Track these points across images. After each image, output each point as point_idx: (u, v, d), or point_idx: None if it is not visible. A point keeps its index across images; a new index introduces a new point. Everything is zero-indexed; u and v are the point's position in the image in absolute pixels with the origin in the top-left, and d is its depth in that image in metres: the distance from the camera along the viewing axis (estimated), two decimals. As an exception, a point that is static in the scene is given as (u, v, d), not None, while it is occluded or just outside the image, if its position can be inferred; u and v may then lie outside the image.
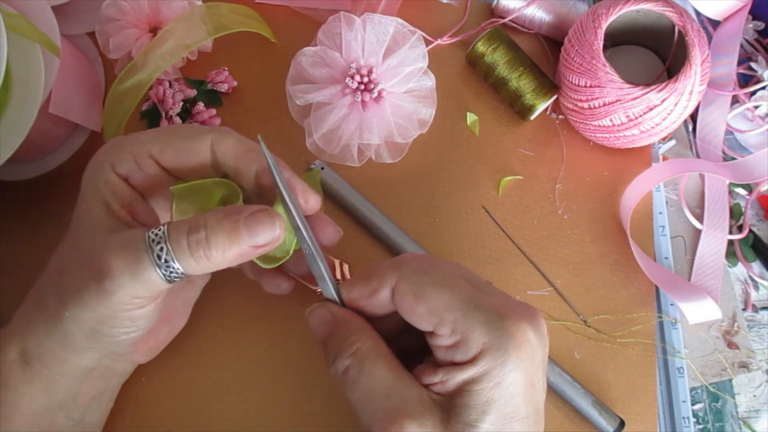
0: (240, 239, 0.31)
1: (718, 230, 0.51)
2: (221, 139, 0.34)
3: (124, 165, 0.35)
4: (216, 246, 0.30)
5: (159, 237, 0.30)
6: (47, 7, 0.44)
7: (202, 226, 0.30)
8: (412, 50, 0.47)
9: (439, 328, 0.31)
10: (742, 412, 0.48)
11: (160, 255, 0.30)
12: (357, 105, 0.47)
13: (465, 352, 0.30)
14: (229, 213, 0.31)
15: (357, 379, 0.31)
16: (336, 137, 0.47)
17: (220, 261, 0.31)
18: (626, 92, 0.45)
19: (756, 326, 0.50)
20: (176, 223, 0.31)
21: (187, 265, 0.31)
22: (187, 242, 0.30)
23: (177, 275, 0.31)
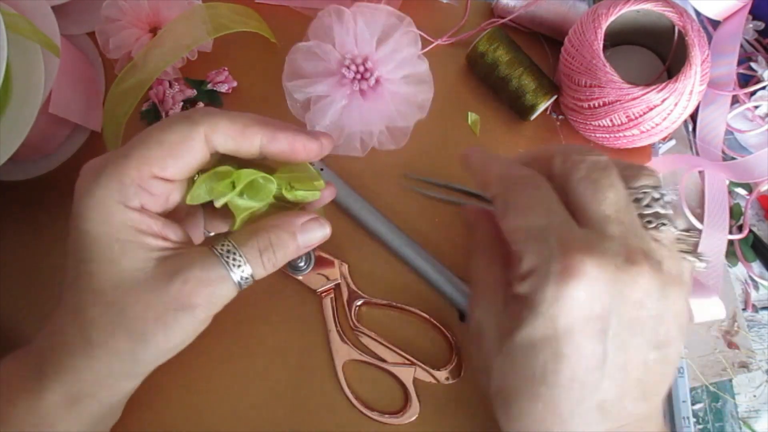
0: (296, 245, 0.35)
1: (718, 230, 0.51)
2: (213, 125, 0.33)
3: (134, 198, 0.32)
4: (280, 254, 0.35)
5: (234, 254, 0.33)
6: (47, 7, 0.44)
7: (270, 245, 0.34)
8: (403, 36, 0.47)
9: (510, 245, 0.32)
10: (742, 412, 0.48)
11: (235, 270, 0.33)
12: (356, 94, 0.47)
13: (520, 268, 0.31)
14: (286, 227, 0.35)
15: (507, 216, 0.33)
16: (338, 128, 0.47)
17: (282, 263, 0.35)
18: (626, 92, 0.45)
19: (756, 326, 0.50)
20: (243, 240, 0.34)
21: (258, 274, 0.34)
22: (261, 259, 0.34)
23: (248, 282, 0.34)
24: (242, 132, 0.34)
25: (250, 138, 0.34)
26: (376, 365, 0.46)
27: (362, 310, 0.47)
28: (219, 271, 0.33)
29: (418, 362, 0.45)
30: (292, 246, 0.35)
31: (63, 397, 0.33)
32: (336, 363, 0.46)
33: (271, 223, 0.35)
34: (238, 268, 0.33)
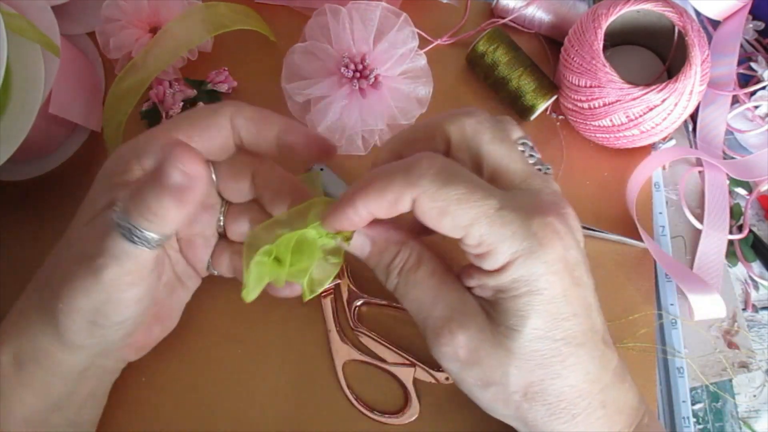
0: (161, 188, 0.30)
1: (718, 230, 0.51)
2: (238, 109, 0.35)
3: (150, 157, 0.34)
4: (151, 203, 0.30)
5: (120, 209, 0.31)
6: (47, 7, 0.44)
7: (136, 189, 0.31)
8: (400, 32, 0.47)
9: (466, 240, 0.31)
10: (742, 412, 0.48)
11: (125, 225, 0.31)
12: (356, 93, 0.47)
13: (493, 262, 0.31)
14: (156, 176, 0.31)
15: (405, 293, 0.34)
16: (339, 128, 0.47)
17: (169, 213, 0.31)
18: (626, 92, 0.45)
19: (756, 326, 0.50)
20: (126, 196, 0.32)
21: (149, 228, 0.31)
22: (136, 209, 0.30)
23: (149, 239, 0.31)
24: (264, 118, 0.35)
25: (269, 125, 0.35)
26: (376, 365, 0.46)
27: (362, 310, 0.47)
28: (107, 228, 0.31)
29: (418, 362, 0.45)
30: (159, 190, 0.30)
31: (12, 358, 0.35)
32: (336, 363, 0.45)
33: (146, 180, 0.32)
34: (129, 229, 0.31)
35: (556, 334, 0.31)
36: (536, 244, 0.30)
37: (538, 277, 0.30)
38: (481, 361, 0.32)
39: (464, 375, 0.32)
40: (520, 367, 0.31)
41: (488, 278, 0.31)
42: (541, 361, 0.31)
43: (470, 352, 0.32)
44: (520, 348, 0.31)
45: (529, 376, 0.31)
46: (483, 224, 0.30)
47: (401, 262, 0.34)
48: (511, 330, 0.31)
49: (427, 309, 0.33)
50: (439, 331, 0.32)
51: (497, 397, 0.32)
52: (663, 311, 0.49)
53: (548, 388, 0.32)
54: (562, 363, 0.31)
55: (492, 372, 0.32)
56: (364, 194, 0.31)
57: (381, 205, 0.31)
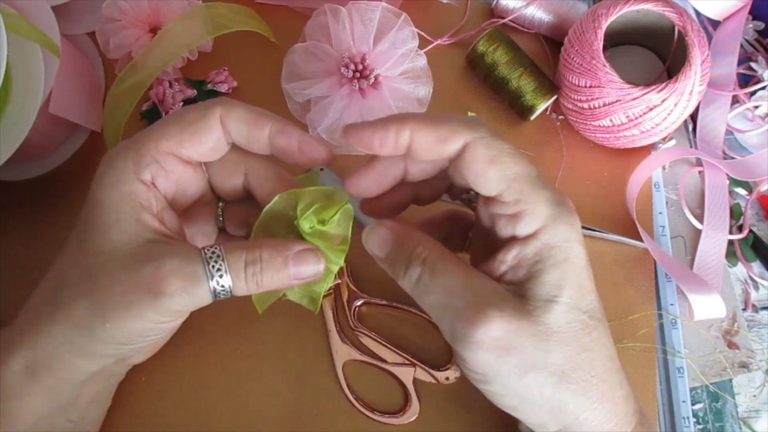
0: (287, 274, 0.33)
1: (718, 230, 0.51)
2: (228, 109, 0.34)
3: (147, 170, 0.33)
4: (267, 276, 0.33)
5: (217, 258, 0.32)
6: (47, 7, 0.44)
7: (258, 259, 0.32)
8: (400, 32, 0.47)
9: (505, 195, 0.31)
10: (742, 412, 0.48)
11: (215, 276, 0.32)
12: (356, 93, 0.47)
13: (528, 224, 0.31)
14: (280, 248, 0.33)
15: (431, 282, 0.32)
16: (339, 128, 0.47)
17: (266, 287, 0.33)
18: (626, 92, 0.45)
19: (756, 326, 0.50)
20: (233, 249, 0.32)
21: (238, 288, 0.33)
22: (245, 273, 0.32)
23: (225, 294, 0.33)
24: (255, 120, 0.34)
25: (261, 127, 0.34)
26: (376, 365, 0.46)
27: (362, 310, 0.47)
28: (197, 270, 0.31)
29: (418, 362, 0.45)
30: (283, 273, 0.33)
31: (23, 366, 0.34)
32: (336, 363, 0.45)
33: (266, 242, 0.33)
34: (217, 273, 0.32)
35: (583, 306, 0.32)
36: (566, 213, 0.32)
37: (572, 245, 0.31)
38: (521, 344, 0.31)
39: (501, 363, 0.31)
40: (560, 341, 0.31)
41: (525, 247, 0.31)
42: (574, 333, 0.31)
43: (508, 334, 0.31)
44: (557, 320, 0.31)
45: (567, 351, 0.31)
46: (526, 181, 0.31)
47: (425, 251, 0.33)
48: (548, 303, 0.31)
49: (457, 296, 0.31)
50: (473, 318, 0.31)
51: (534, 384, 0.31)
52: (663, 311, 0.49)
53: (582, 364, 0.32)
54: (589, 335, 0.32)
55: (532, 354, 0.31)
56: (419, 118, 0.32)
57: (429, 136, 0.31)
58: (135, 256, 0.32)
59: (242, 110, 0.34)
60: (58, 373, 0.34)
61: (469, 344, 0.31)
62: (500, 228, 0.33)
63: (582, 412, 0.32)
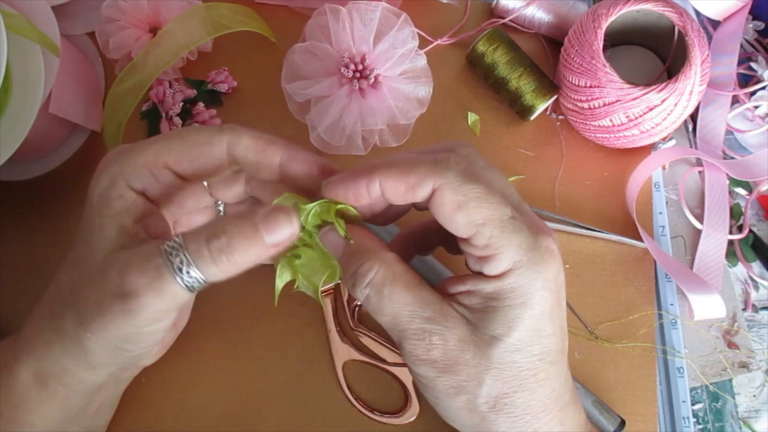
0: (260, 239, 0.30)
1: (718, 230, 0.51)
2: (237, 138, 0.34)
3: (140, 180, 0.33)
4: (238, 249, 0.30)
5: (175, 248, 0.30)
6: (47, 7, 0.44)
7: (221, 232, 0.30)
8: (400, 32, 0.47)
9: (474, 239, 0.31)
10: (742, 412, 0.48)
11: (181, 267, 0.30)
12: (356, 93, 0.47)
13: (495, 267, 0.31)
14: (246, 216, 0.31)
15: (379, 306, 0.32)
16: (339, 128, 0.47)
17: (242, 263, 0.31)
18: (626, 92, 0.45)
19: (756, 326, 0.50)
20: (192, 232, 0.30)
21: (209, 273, 0.30)
22: (208, 250, 0.30)
23: (199, 284, 0.31)
24: (264, 148, 0.34)
25: (270, 155, 0.34)
26: (376, 365, 0.46)
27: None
28: (157, 264, 0.30)
29: (418, 362, 0.45)
30: (256, 241, 0.30)
31: (32, 376, 0.34)
32: (336, 363, 0.46)
33: (228, 218, 0.31)
34: (179, 262, 0.30)
35: (535, 349, 0.32)
36: (539, 259, 0.31)
37: (534, 291, 0.31)
38: (458, 369, 0.32)
39: (437, 382, 0.32)
40: (496, 377, 0.32)
41: (485, 283, 0.32)
42: (516, 372, 0.32)
43: (448, 358, 0.31)
44: (500, 357, 0.31)
45: (502, 387, 0.32)
46: (496, 226, 0.31)
47: (373, 271, 0.32)
48: (494, 339, 0.31)
49: (404, 322, 0.32)
50: (419, 338, 0.32)
51: (464, 406, 0.32)
52: (663, 311, 0.49)
53: (516, 401, 0.32)
54: (534, 377, 0.32)
55: (466, 380, 0.32)
56: (385, 169, 0.32)
57: (398, 186, 0.31)
58: (109, 263, 0.31)
59: (250, 140, 0.34)
60: (68, 385, 0.34)
61: (411, 359, 0.32)
62: (470, 263, 0.33)
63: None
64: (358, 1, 0.46)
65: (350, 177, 0.32)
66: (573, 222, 0.50)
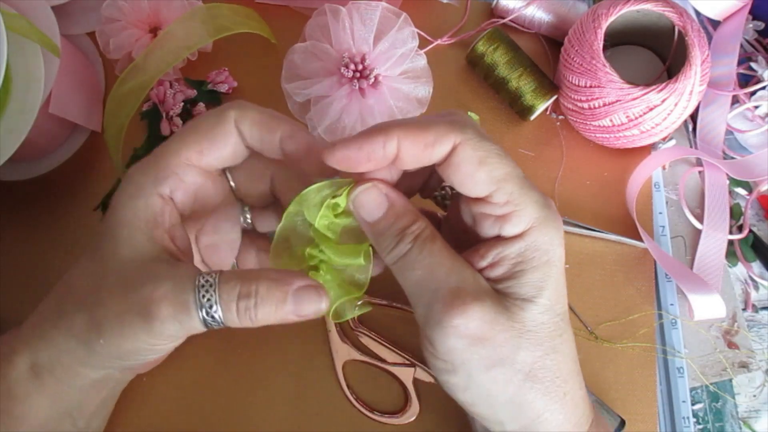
0: (286, 310, 0.31)
1: (718, 230, 0.51)
2: (243, 112, 0.34)
3: (166, 183, 0.33)
4: (262, 313, 0.31)
5: (208, 289, 0.31)
6: (47, 7, 0.44)
7: (254, 293, 0.31)
8: (400, 32, 0.47)
9: (495, 196, 0.31)
10: (742, 412, 0.48)
11: (205, 306, 0.30)
12: (356, 93, 0.47)
13: (516, 224, 0.31)
14: (280, 283, 0.31)
15: (416, 258, 0.31)
16: (339, 128, 0.47)
17: (262, 322, 0.31)
18: (626, 92, 0.45)
19: (756, 326, 0.50)
20: (228, 279, 0.31)
21: (230, 321, 0.31)
22: (237, 306, 0.31)
23: (217, 325, 0.31)
24: (268, 122, 0.34)
25: (272, 130, 0.34)
26: (376, 365, 0.46)
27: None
28: (188, 299, 0.30)
29: (418, 362, 0.45)
30: (280, 309, 0.31)
31: (28, 368, 0.34)
32: (336, 363, 0.46)
33: (266, 274, 0.32)
34: (207, 303, 0.30)
35: (558, 308, 0.32)
36: (552, 215, 0.32)
37: (554, 248, 0.31)
38: (494, 337, 0.30)
39: (470, 353, 0.31)
40: (530, 340, 0.31)
41: (510, 247, 0.31)
42: (546, 333, 0.31)
43: (483, 325, 0.30)
44: (533, 320, 0.31)
45: (536, 351, 0.31)
46: (515, 182, 0.31)
47: (418, 229, 0.32)
48: (526, 302, 0.31)
49: (439, 279, 0.31)
50: (452, 303, 0.30)
51: (500, 378, 0.31)
52: (663, 311, 0.49)
53: (548, 363, 0.32)
54: (560, 337, 0.32)
55: (502, 348, 0.31)
56: (403, 125, 0.31)
57: (416, 143, 0.30)
58: (137, 275, 0.31)
59: (255, 113, 0.34)
60: (63, 378, 0.34)
61: (442, 328, 0.30)
62: (485, 227, 0.32)
63: (543, 412, 0.32)
64: (358, 1, 0.46)
65: (364, 135, 0.31)
66: (573, 222, 0.50)
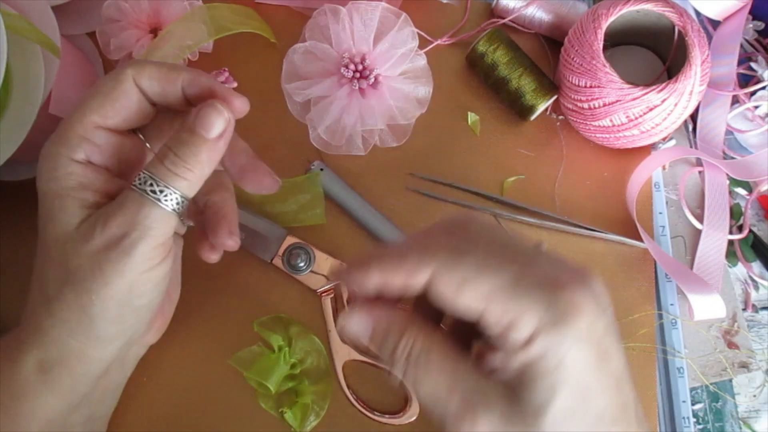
0: (202, 138, 0.32)
1: (718, 230, 0.51)
2: (140, 68, 0.34)
3: (78, 149, 0.34)
4: (186, 155, 0.32)
5: (143, 179, 0.32)
6: (47, 7, 0.44)
7: (166, 148, 0.32)
8: (400, 32, 0.47)
9: (485, 317, 0.29)
10: (742, 412, 0.48)
11: (155, 190, 0.32)
12: (356, 93, 0.47)
13: (518, 336, 0.28)
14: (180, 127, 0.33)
15: (417, 381, 0.30)
16: (340, 128, 0.47)
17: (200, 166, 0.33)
18: (626, 92, 0.45)
19: (756, 326, 0.50)
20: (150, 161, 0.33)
21: (180, 186, 0.32)
22: (166, 167, 0.32)
23: (179, 200, 0.32)
24: (167, 74, 0.34)
25: (173, 80, 0.34)
26: (376, 365, 0.46)
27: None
28: (135, 199, 0.32)
29: (418, 362, 0.45)
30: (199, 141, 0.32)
31: (36, 365, 0.34)
32: (336, 363, 0.46)
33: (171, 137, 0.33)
34: (155, 191, 0.32)
35: (589, 411, 0.29)
36: (559, 316, 0.28)
37: (565, 351, 0.28)
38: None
39: None
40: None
41: (513, 356, 0.29)
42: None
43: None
44: (553, 425, 0.28)
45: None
46: (505, 293, 0.28)
47: (407, 346, 0.30)
48: (539, 409, 0.28)
49: (444, 399, 0.29)
50: (462, 419, 0.29)
51: None
52: (663, 311, 0.49)
53: None
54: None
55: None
56: (380, 258, 0.30)
57: (397, 274, 0.30)
58: (87, 226, 0.32)
59: (153, 67, 0.34)
60: (74, 368, 0.34)
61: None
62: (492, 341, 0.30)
63: None
64: (358, 1, 0.46)
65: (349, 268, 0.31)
66: (573, 222, 0.50)
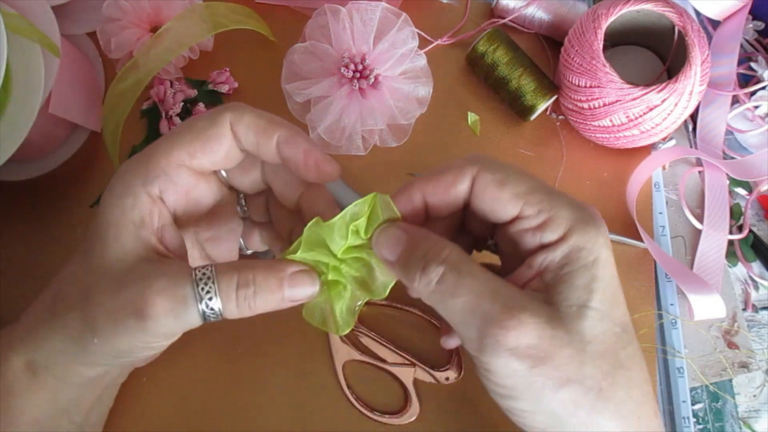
0: (281, 295, 0.32)
1: (718, 230, 0.51)
2: (239, 115, 0.33)
3: (156, 183, 0.33)
4: (260, 300, 0.32)
5: (206, 281, 0.31)
6: (47, 7, 0.44)
7: (251, 281, 0.31)
8: (400, 32, 0.47)
9: (525, 210, 0.31)
10: (742, 412, 0.48)
11: (204, 298, 0.31)
12: (356, 93, 0.47)
13: (555, 230, 0.31)
14: (274, 270, 0.32)
15: (458, 283, 0.29)
16: (339, 128, 0.47)
17: (260, 310, 0.32)
18: (626, 92, 0.45)
19: (756, 326, 0.50)
20: (226, 270, 0.31)
21: (229, 312, 0.32)
22: (236, 295, 0.31)
23: (215, 317, 0.32)
24: (264, 127, 0.33)
25: (269, 135, 0.33)
26: (376, 365, 0.46)
27: (362, 310, 0.47)
28: (185, 293, 0.30)
29: (418, 362, 0.45)
30: (277, 295, 0.32)
31: (24, 365, 0.34)
32: (336, 363, 0.46)
33: (260, 263, 0.32)
34: (206, 295, 0.31)
35: (615, 317, 0.30)
36: (589, 216, 0.31)
37: (600, 247, 0.30)
38: (556, 353, 0.28)
39: (534, 375, 0.28)
40: (594, 353, 0.29)
41: (552, 252, 0.31)
42: (608, 345, 0.29)
43: (543, 342, 0.28)
44: (590, 329, 0.29)
45: (602, 364, 0.29)
46: (542, 192, 0.31)
47: (450, 251, 0.30)
48: (580, 309, 0.29)
49: (487, 299, 0.29)
50: (506, 322, 0.28)
51: (571, 399, 0.29)
52: (663, 311, 0.49)
53: (619, 381, 0.29)
54: (624, 350, 0.30)
55: (568, 364, 0.28)
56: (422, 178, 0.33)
57: (438, 188, 0.32)
58: (126, 274, 0.31)
59: (252, 117, 0.33)
60: (60, 376, 0.34)
61: (499, 352, 0.28)
62: (526, 242, 0.32)
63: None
64: (358, 1, 0.46)
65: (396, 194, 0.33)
66: (573, 222, 0.50)
